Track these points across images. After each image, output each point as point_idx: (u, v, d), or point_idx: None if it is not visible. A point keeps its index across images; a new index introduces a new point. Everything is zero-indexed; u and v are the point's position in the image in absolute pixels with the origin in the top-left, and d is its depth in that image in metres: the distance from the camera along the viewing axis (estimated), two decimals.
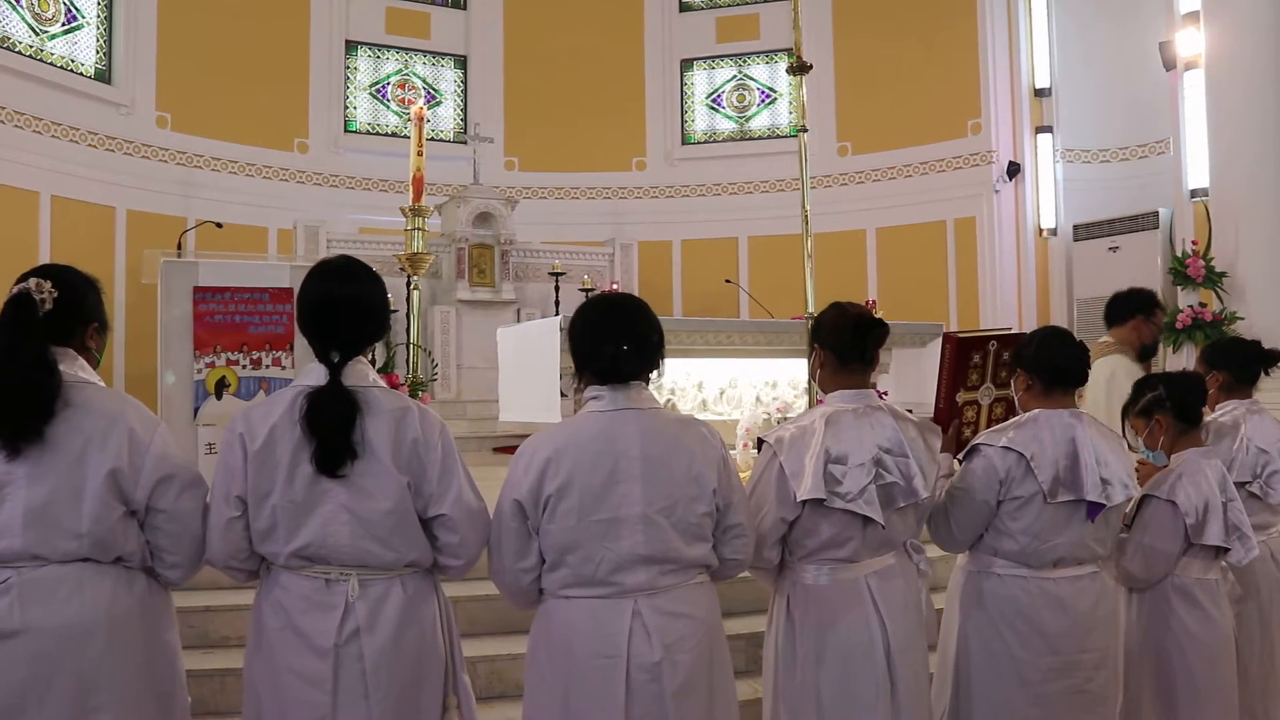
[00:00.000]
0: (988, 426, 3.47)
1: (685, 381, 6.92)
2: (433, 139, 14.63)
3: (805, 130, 6.02)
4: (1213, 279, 9.62)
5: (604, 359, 2.57)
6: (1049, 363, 3.09)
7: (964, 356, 3.46)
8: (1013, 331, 3.55)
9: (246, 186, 13.17)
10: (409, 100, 14.47)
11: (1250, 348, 4.03)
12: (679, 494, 2.49)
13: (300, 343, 5.35)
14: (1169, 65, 10.99)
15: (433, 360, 10.43)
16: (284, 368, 5.34)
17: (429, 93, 15.15)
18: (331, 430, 2.41)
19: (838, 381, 2.95)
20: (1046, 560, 2.95)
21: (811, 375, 3.04)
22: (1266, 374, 4.15)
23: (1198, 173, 10.58)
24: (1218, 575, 3.29)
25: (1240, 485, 3.53)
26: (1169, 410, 3.41)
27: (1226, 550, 3.23)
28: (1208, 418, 3.71)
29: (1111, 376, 4.62)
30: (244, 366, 5.29)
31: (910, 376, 7.38)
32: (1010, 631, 2.95)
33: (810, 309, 5.65)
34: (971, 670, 3.01)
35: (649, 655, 2.41)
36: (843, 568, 2.81)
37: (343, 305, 2.53)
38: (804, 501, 2.74)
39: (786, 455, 2.78)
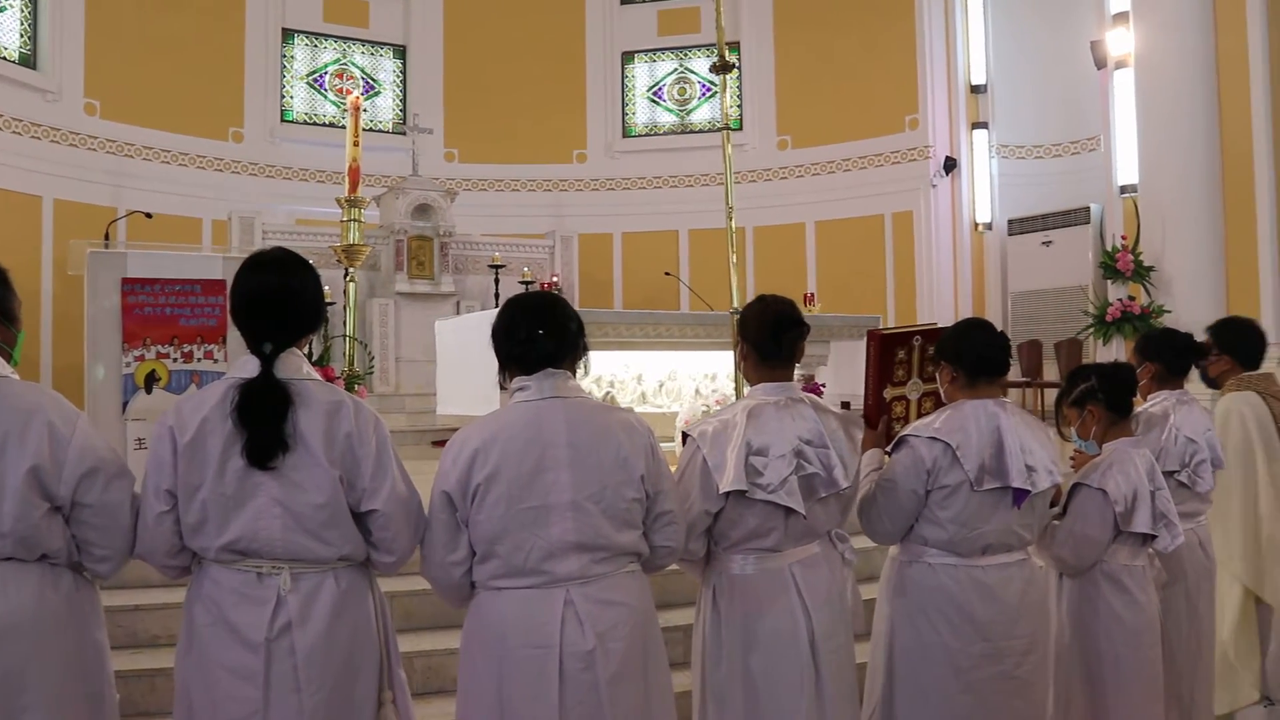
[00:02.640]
0: (916, 418, 3.52)
1: (624, 374, 6.93)
2: (371, 130, 14.48)
3: (729, 129, 6.01)
4: (1141, 273, 9.85)
5: (521, 344, 2.58)
6: (971, 354, 3.13)
7: (889, 352, 3.51)
8: (937, 326, 3.61)
9: (180, 176, 12.90)
10: (347, 90, 14.25)
11: (1182, 340, 4.11)
12: (607, 480, 2.50)
13: (234, 335, 5.25)
14: (1100, 64, 11.23)
15: (369, 353, 10.31)
16: (216, 361, 5.24)
17: (367, 83, 14.96)
18: (263, 422, 2.37)
19: (760, 374, 2.99)
20: (975, 548, 2.98)
21: (738, 367, 3.06)
22: (1197, 366, 4.23)
23: (1127, 169, 10.82)
24: (1144, 562, 3.36)
25: (1169, 474, 3.61)
26: (1101, 401, 3.47)
27: (1154, 537, 3.30)
28: (1139, 408, 3.79)
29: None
30: (175, 360, 5.18)
31: (848, 369, 7.44)
32: (940, 619, 2.98)
33: (735, 304, 5.67)
34: (903, 658, 3.04)
35: (582, 644, 2.41)
36: (768, 557, 2.83)
37: (276, 297, 2.49)
38: (727, 493, 2.77)
39: (709, 448, 2.80)
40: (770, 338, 2.94)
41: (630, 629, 2.49)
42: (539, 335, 2.57)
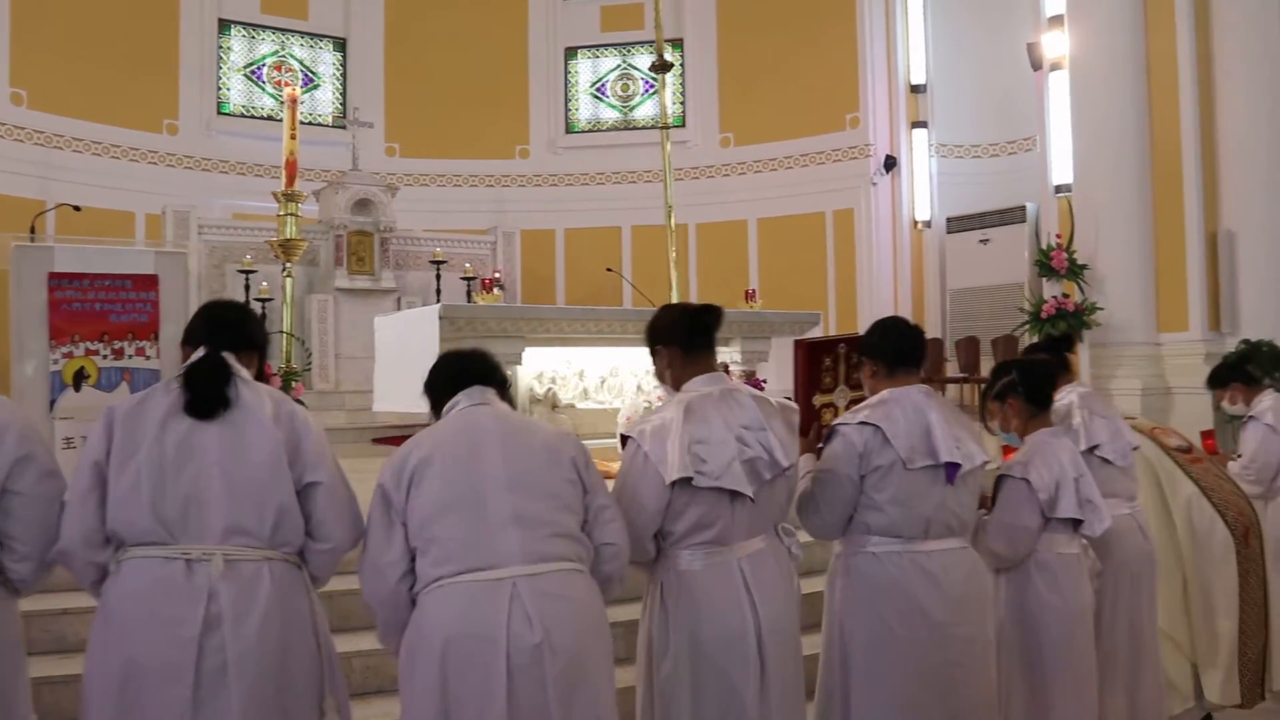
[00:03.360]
0: None
1: (566, 370, 6.90)
2: (310, 123, 14.29)
3: (668, 127, 6.06)
4: (1075, 271, 10.04)
5: (453, 377, 2.79)
6: (890, 347, 3.24)
7: (815, 360, 3.64)
8: (859, 335, 3.71)
9: (111, 169, 12.60)
10: (285, 83, 14.02)
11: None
12: (539, 461, 2.59)
13: (166, 331, 5.16)
14: (1036, 65, 11.42)
15: (307, 349, 10.17)
16: (149, 358, 5.13)
17: (307, 75, 14.74)
18: (208, 378, 2.49)
19: (689, 373, 3.01)
20: (916, 530, 3.02)
21: (660, 379, 3.07)
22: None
23: (1062, 169, 11.02)
24: (1078, 550, 3.42)
25: (1092, 452, 3.69)
26: (1020, 394, 3.58)
27: (1081, 522, 3.37)
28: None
29: None
30: (105, 356, 5.06)
31: (790, 365, 7.49)
32: (888, 608, 3.01)
33: (675, 300, 5.71)
34: (853, 649, 3.06)
35: (529, 637, 2.37)
36: (716, 551, 2.83)
37: (229, 314, 2.75)
38: (673, 484, 2.77)
39: (651, 445, 2.82)
40: (689, 330, 3.01)
41: (579, 624, 2.46)
42: (467, 362, 2.81)
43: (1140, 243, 9.99)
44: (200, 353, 2.57)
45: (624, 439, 2.96)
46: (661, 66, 5.95)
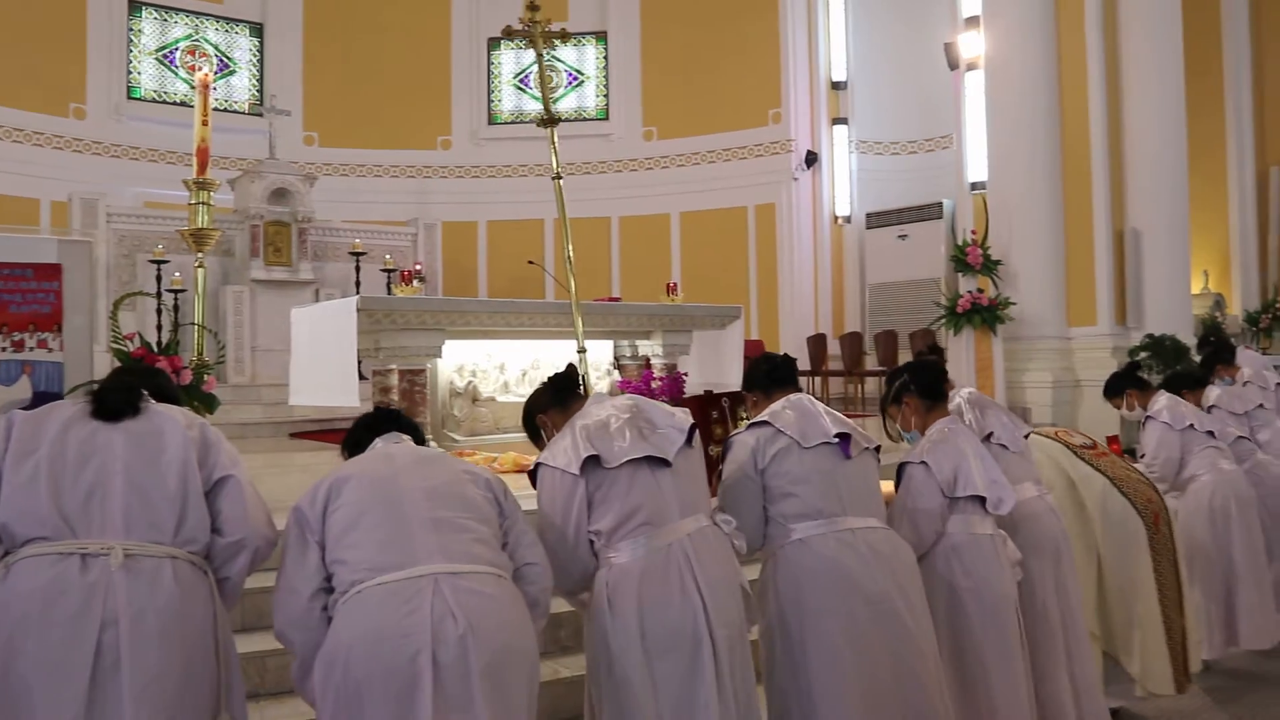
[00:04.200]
0: None
1: (487, 363, 6.86)
2: (226, 110, 13.98)
3: (559, 177, 6.34)
4: (989, 266, 10.25)
5: (370, 422, 2.89)
6: (766, 375, 3.51)
7: (703, 414, 3.90)
8: (737, 391, 3.99)
9: (14, 154, 12.18)
10: (199, 68, 13.68)
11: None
12: (455, 476, 2.63)
13: (70, 323, 5.00)
14: (953, 65, 11.62)
15: (220, 342, 9.94)
16: (51, 350, 4.96)
17: (222, 61, 14.40)
18: (118, 388, 2.46)
19: (568, 415, 3.11)
20: (833, 505, 3.09)
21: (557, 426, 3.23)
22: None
23: (977, 167, 11.24)
24: (991, 531, 3.47)
25: (987, 440, 3.79)
26: (914, 391, 3.73)
27: (985, 500, 3.42)
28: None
29: None
30: (3, 349, 4.88)
31: (710, 358, 7.54)
32: (823, 589, 3.02)
33: (574, 297, 5.72)
34: (798, 639, 3.05)
35: (453, 629, 2.31)
36: (654, 534, 2.79)
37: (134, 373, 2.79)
38: (585, 476, 2.80)
39: (555, 459, 2.89)
40: (558, 398, 3.18)
41: (503, 619, 2.41)
42: (387, 415, 2.90)
43: (1051, 239, 10.25)
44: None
45: (532, 476, 2.98)
46: (549, 121, 6.19)
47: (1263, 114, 14.05)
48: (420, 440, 2.88)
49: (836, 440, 3.18)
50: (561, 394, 3.18)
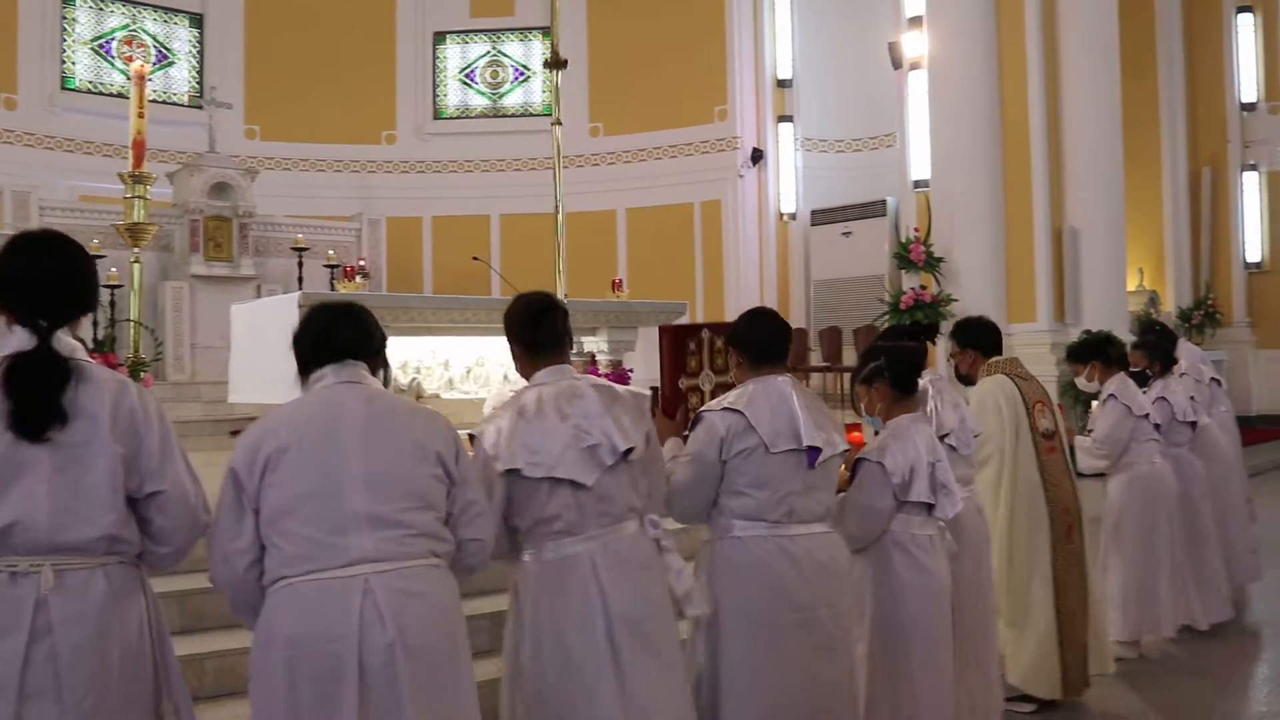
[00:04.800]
0: None
1: (431, 360, 6.81)
2: (164, 102, 13.71)
3: (559, 123, 6.10)
4: (932, 264, 10.39)
5: (320, 337, 2.58)
6: (756, 342, 3.31)
7: (679, 345, 3.65)
8: (724, 323, 3.75)
9: None
10: (136, 58, 13.41)
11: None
12: (403, 455, 2.45)
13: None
14: (897, 64, 11.77)
15: (156, 339, 9.76)
16: None
17: (161, 52, 14.12)
18: (37, 392, 2.19)
19: (536, 366, 3.02)
20: (780, 512, 3.09)
21: (522, 373, 3.08)
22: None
23: (921, 165, 11.39)
24: (933, 531, 3.54)
25: (942, 438, 3.85)
26: (886, 379, 3.66)
27: (933, 505, 3.49)
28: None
29: None
30: None
31: (656, 354, 7.55)
32: (753, 591, 3.06)
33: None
34: (719, 633, 3.10)
35: (381, 637, 2.29)
36: (567, 542, 2.82)
37: (49, 269, 2.33)
38: (510, 477, 2.78)
39: (489, 445, 2.84)
40: (530, 326, 2.99)
41: (435, 622, 2.39)
42: (339, 326, 2.59)
43: (992, 237, 10.41)
44: (26, 339, 2.27)
45: (471, 438, 2.92)
46: (555, 63, 6.03)
47: (1195, 117, 14.41)
48: (379, 353, 2.66)
49: (805, 449, 3.12)
50: (536, 336, 2.99)
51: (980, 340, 4.68)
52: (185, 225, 11.33)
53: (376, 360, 2.65)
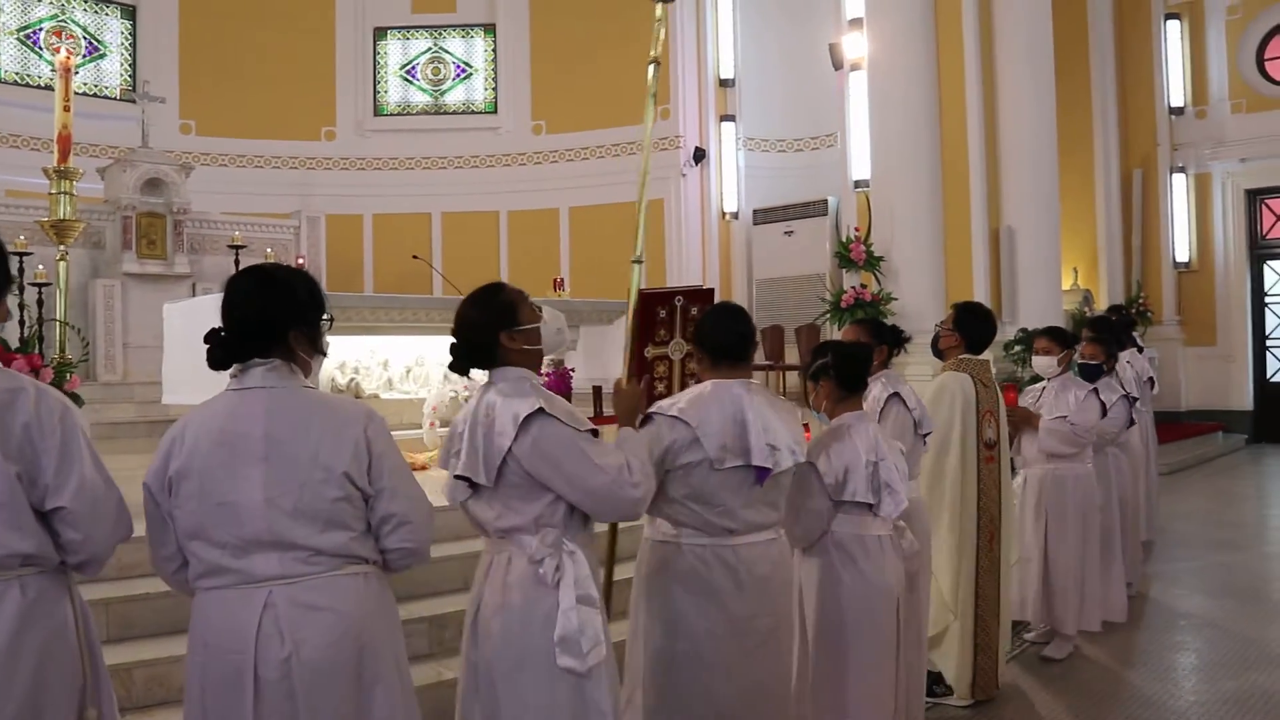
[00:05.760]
0: (681, 382, 3.55)
1: (370, 360, 6.73)
2: (95, 95, 13.43)
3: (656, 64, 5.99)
4: (872, 263, 10.48)
5: (224, 305, 2.42)
6: (711, 340, 3.18)
7: (649, 311, 3.49)
8: (704, 288, 3.65)
9: None
10: (69, 52, 13.06)
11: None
12: (304, 477, 2.30)
13: None
14: (837, 65, 11.85)
15: (84, 339, 9.52)
16: None
17: (91, 43, 13.80)
18: None
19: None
20: (722, 527, 3.04)
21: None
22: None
23: (861, 165, 11.48)
24: (882, 530, 3.50)
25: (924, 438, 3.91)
26: (832, 376, 3.61)
27: (873, 505, 3.47)
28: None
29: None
30: None
31: (598, 353, 7.54)
32: (689, 599, 3.03)
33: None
34: (654, 637, 3.07)
35: (278, 651, 2.25)
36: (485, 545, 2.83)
37: None
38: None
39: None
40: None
41: (337, 637, 2.31)
42: (250, 319, 2.38)
43: (931, 237, 10.51)
44: None
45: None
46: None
47: (1126, 121, 14.72)
48: (306, 330, 2.43)
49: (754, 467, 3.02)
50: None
51: (973, 334, 4.73)
52: (117, 222, 11.08)
53: (289, 353, 2.42)
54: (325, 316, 2.52)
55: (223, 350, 2.39)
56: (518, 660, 2.60)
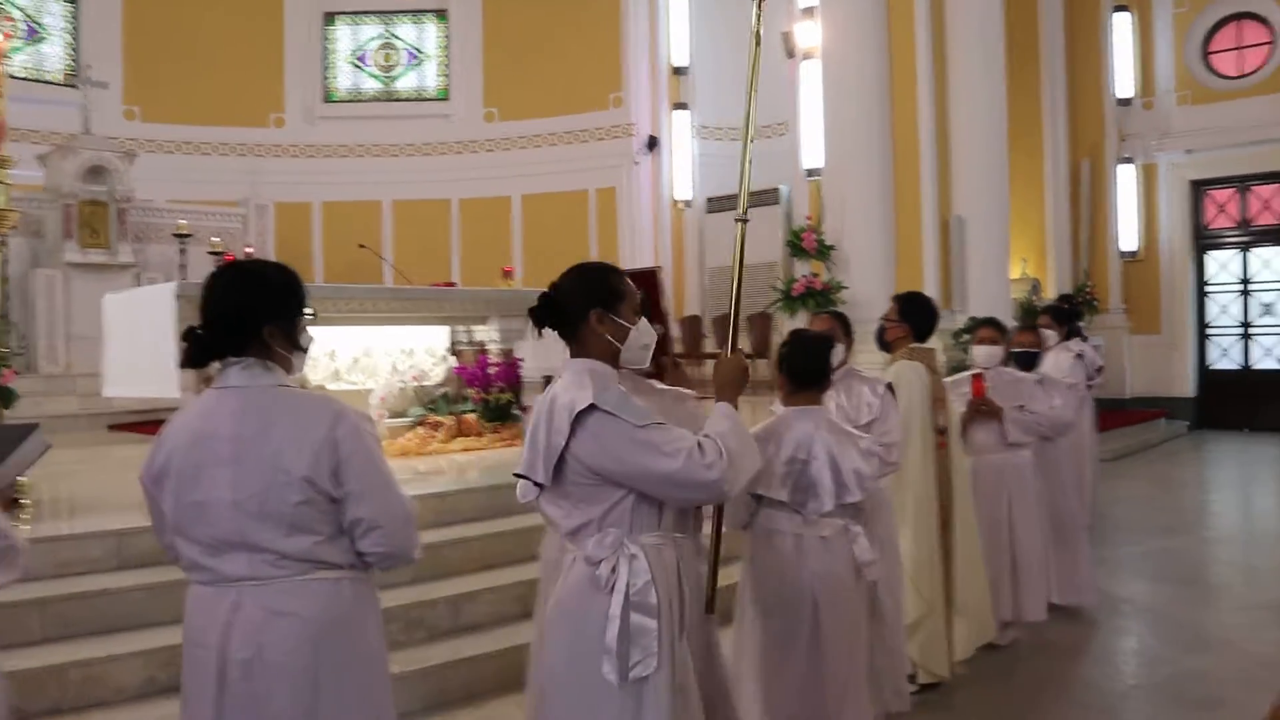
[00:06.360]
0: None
1: (315, 350, 6.64)
2: (35, 80, 13.13)
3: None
4: (823, 251, 10.54)
5: (200, 302, 2.37)
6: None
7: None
8: (653, 268, 3.57)
9: None
10: (6, 34, 12.75)
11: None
12: (269, 480, 2.27)
13: None
14: (790, 54, 11.86)
15: (19, 331, 9.33)
16: None
17: (31, 27, 13.48)
18: None
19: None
20: (680, 524, 3.02)
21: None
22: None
23: (813, 154, 11.52)
24: (801, 530, 3.35)
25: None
26: (784, 369, 3.51)
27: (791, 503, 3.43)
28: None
29: None
30: None
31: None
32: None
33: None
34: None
35: (241, 651, 2.25)
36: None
37: None
38: None
39: None
40: None
41: (299, 643, 2.28)
42: (226, 316, 2.32)
43: (882, 226, 10.59)
44: None
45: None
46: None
47: (1075, 111, 14.88)
48: (277, 325, 2.34)
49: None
50: None
51: (920, 323, 4.76)
52: (58, 210, 10.87)
53: (280, 329, 2.35)
54: (306, 311, 2.45)
55: (198, 347, 2.34)
56: (566, 665, 2.52)
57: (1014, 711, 4.39)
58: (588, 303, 2.59)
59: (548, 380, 8.15)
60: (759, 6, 3.43)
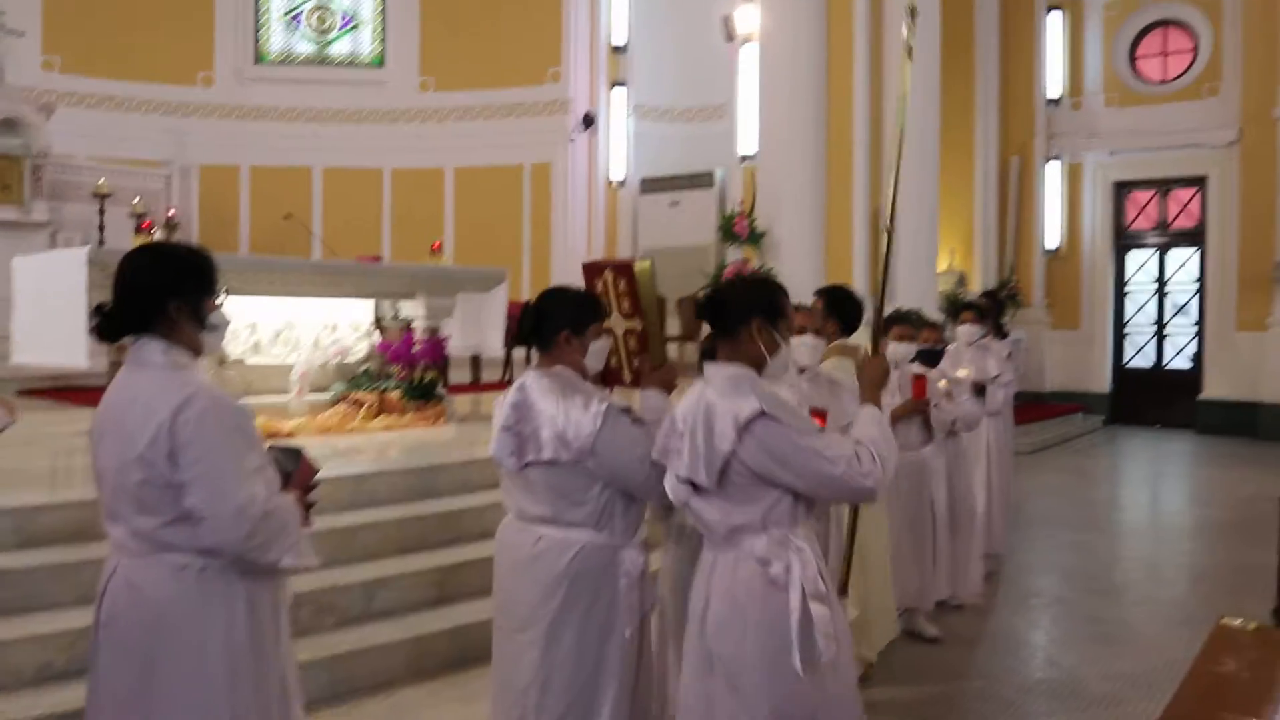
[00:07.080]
0: (627, 357, 3.41)
1: (236, 322, 6.49)
2: None
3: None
4: (755, 237, 10.59)
5: (119, 301, 2.45)
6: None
7: (587, 284, 3.34)
8: (630, 260, 3.54)
9: None
10: None
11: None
12: (115, 457, 2.34)
13: None
14: (729, 37, 11.87)
15: None
16: None
17: None
18: None
19: None
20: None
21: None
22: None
23: (748, 140, 11.56)
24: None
25: None
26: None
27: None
28: None
29: None
30: None
31: (474, 321, 7.42)
32: None
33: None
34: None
35: (105, 617, 2.40)
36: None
37: None
38: None
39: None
40: None
41: (138, 622, 2.33)
42: (135, 290, 2.38)
43: (813, 214, 10.67)
44: None
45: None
46: None
47: (1006, 109, 15.13)
48: (182, 300, 2.36)
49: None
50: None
51: (848, 317, 4.78)
52: None
53: (186, 306, 2.37)
54: (219, 290, 2.49)
55: (105, 321, 2.41)
56: (754, 663, 2.57)
57: (921, 706, 4.48)
58: (752, 310, 2.71)
59: (474, 360, 8.00)
60: (911, 17, 3.57)
